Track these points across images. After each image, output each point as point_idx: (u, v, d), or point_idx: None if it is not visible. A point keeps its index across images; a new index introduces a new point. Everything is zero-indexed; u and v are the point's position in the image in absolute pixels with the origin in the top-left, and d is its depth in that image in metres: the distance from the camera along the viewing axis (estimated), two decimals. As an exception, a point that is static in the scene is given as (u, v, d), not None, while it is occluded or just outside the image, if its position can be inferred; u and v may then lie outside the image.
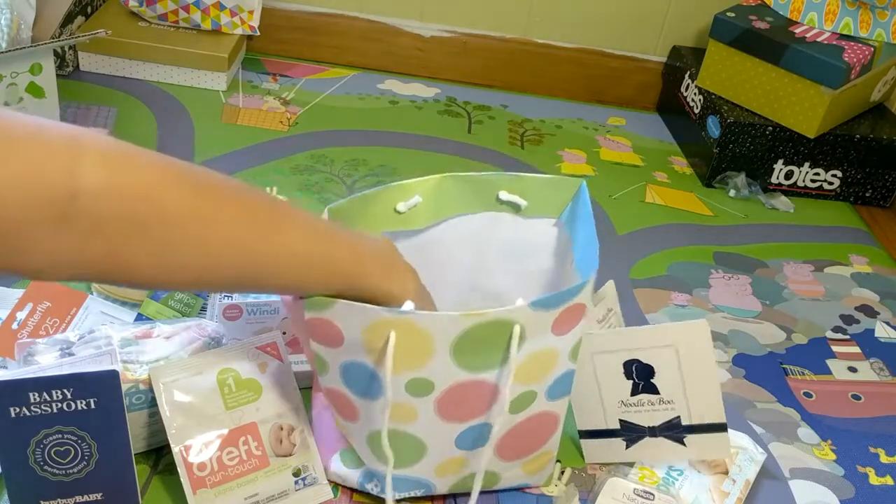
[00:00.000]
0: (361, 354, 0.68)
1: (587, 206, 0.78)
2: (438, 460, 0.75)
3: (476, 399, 0.71)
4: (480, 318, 0.66)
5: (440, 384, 0.69)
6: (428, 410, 0.71)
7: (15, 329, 0.86)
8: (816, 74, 1.36)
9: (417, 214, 0.82)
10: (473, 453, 0.76)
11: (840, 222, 1.44)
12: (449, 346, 0.67)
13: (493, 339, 0.68)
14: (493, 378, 0.70)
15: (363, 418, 0.73)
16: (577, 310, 0.70)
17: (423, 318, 0.65)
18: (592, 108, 1.67)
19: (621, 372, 0.81)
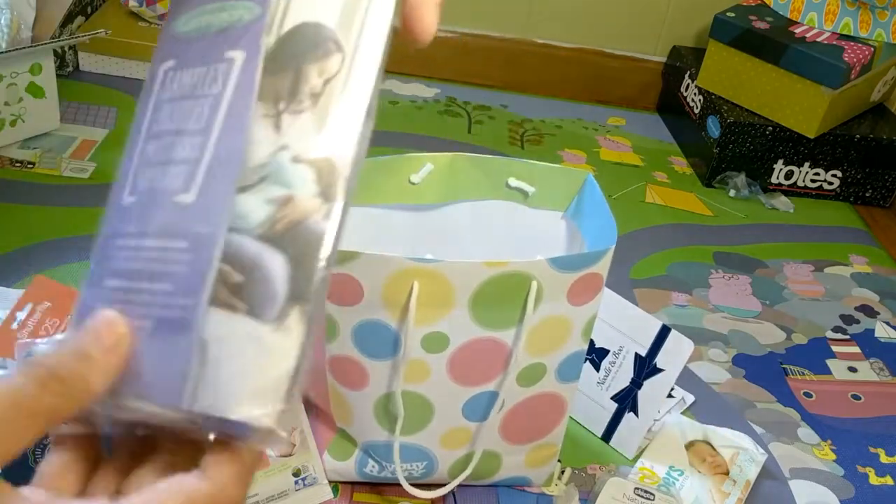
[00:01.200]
0: (379, 311, 0.69)
1: (596, 195, 0.78)
2: (444, 428, 0.76)
3: (488, 361, 0.73)
4: (502, 269, 0.68)
5: (455, 340, 0.71)
6: (440, 369, 0.73)
7: (15, 329, 0.86)
8: (816, 74, 1.36)
9: (430, 188, 0.83)
10: (479, 427, 0.76)
11: (840, 222, 1.44)
12: (468, 299, 0.69)
13: (510, 294, 0.70)
14: (506, 338, 0.72)
15: (373, 383, 0.73)
16: (593, 280, 0.71)
17: (446, 267, 0.67)
18: (592, 108, 1.67)
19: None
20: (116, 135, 1.31)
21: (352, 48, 0.37)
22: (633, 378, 0.87)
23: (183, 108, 0.37)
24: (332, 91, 0.36)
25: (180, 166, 0.36)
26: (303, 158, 0.35)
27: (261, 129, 0.35)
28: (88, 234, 1.09)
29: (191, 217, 0.35)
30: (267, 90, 0.36)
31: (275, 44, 0.37)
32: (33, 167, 1.21)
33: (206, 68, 0.37)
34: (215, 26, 0.38)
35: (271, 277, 0.34)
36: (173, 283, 0.34)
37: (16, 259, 1.04)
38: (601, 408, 0.90)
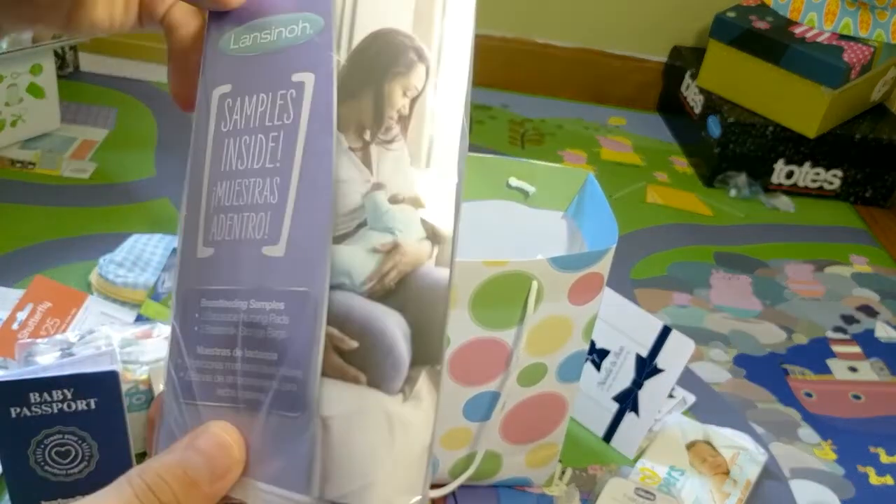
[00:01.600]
0: None
1: (596, 195, 0.78)
2: (445, 429, 0.76)
3: (488, 361, 0.73)
4: (502, 268, 0.68)
5: (455, 340, 0.71)
6: None
7: (15, 329, 0.86)
8: (816, 74, 1.36)
9: None
10: (480, 427, 0.76)
11: (840, 222, 1.44)
12: (468, 299, 0.69)
13: (511, 294, 0.69)
14: (507, 338, 0.72)
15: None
16: (594, 280, 0.71)
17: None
18: (593, 108, 1.67)
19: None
20: (116, 135, 1.31)
21: (435, 54, 0.31)
22: (633, 378, 0.87)
23: (251, 143, 0.32)
24: (421, 111, 0.31)
25: (260, 213, 0.31)
26: (402, 197, 0.30)
27: (348, 165, 0.30)
28: (88, 234, 1.09)
29: (283, 274, 0.30)
30: (347, 118, 0.31)
31: (347, 61, 0.31)
32: (33, 167, 1.21)
33: (271, 95, 0.32)
34: (274, 44, 0.33)
35: (390, 341, 0.29)
36: (277, 351, 0.30)
37: (16, 259, 1.03)
38: (602, 408, 0.90)
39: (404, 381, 0.29)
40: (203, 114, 0.34)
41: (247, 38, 0.34)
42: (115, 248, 1.00)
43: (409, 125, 0.31)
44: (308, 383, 0.29)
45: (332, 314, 0.29)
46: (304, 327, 0.30)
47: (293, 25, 0.32)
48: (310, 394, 0.29)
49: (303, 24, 0.32)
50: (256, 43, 0.33)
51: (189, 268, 0.33)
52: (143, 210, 1.16)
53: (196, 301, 0.33)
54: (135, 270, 0.96)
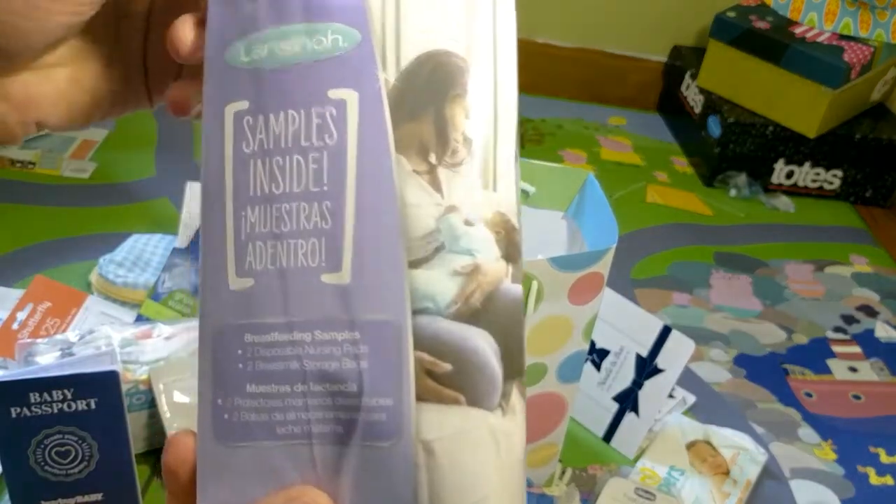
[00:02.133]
0: None
1: (596, 195, 0.78)
2: None
3: None
4: None
5: None
6: None
7: (15, 329, 0.86)
8: (817, 74, 1.36)
9: None
10: None
11: (840, 222, 1.44)
12: None
13: None
14: None
15: None
16: (594, 280, 0.71)
17: None
18: (593, 108, 1.67)
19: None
20: (116, 135, 1.31)
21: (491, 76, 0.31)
22: (633, 378, 0.87)
23: (286, 165, 0.30)
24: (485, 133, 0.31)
25: (311, 239, 0.30)
26: (476, 219, 0.30)
27: (414, 188, 0.30)
28: (88, 234, 1.09)
29: (355, 302, 0.29)
30: (407, 140, 0.30)
31: (397, 80, 0.30)
32: (33, 167, 1.21)
33: (303, 112, 0.30)
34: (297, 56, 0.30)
35: (486, 359, 0.30)
36: (357, 381, 0.29)
37: (16, 259, 1.03)
38: (602, 408, 0.90)
39: (500, 396, 0.30)
40: (214, 133, 0.32)
41: (261, 50, 0.31)
42: (115, 248, 1.00)
43: (473, 148, 0.30)
44: (401, 410, 0.29)
45: (419, 339, 0.29)
46: (388, 355, 0.29)
47: (320, 37, 0.30)
48: (404, 420, 0.29)
49: (333, 35, 0.30)
50: (274, 55, 0.31)
51: (220, 301, 0.31)
52: (143, 210, 1.16)
53: (237, 337, 0.31)
54: (135, 270, 0.96)
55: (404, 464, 0.29)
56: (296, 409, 0.30)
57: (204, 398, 0.31)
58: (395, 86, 0.30)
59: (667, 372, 0.85)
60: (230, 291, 0.31)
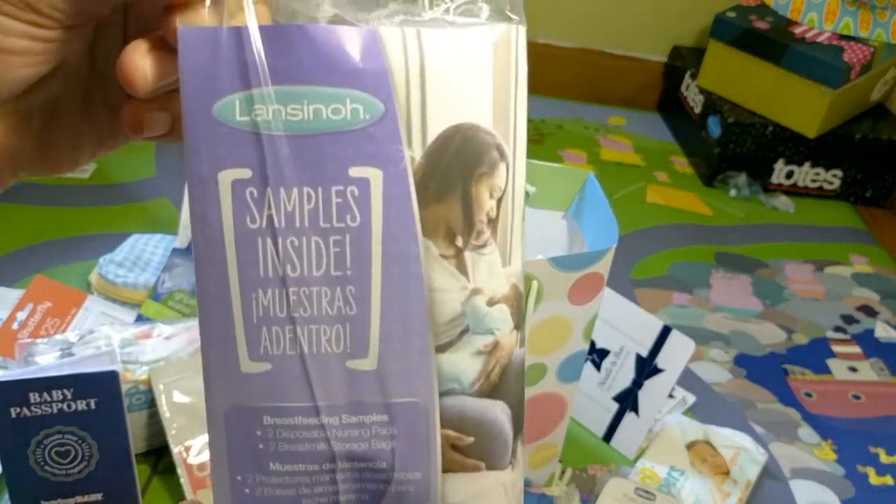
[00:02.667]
0: None
1: (596, 195, 0.78)
2: None
3: None
4: None
5: None
6: None
7: (15, 329, 0.86)
8: (816, 74, 1.36)
9: None
10: None
11: (840, 222, 1.44)
12: None
13: None
14: None
15: None
16: (594, 280, 0.71)
17: None
18: (593, 108, 1.67)
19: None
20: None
21: (511, 149, 0.29)
22: (633, 378, 0.87)
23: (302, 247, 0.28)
24: (506, 212, 0.30)
25: (335, 325, 0.29)
26: (498, 298, 0.30)
27: (442, 273, 0.29)
28: (88, 234, 1.09)
29: (380, 387, 0.29)
30: (433, 223, 0.29)
31: (423, 158, 0.28)
32: (33, 167, 1.21)
33: (322, 191, 0.27)
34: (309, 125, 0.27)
35: (501, 428, 0.31)
36: (386, 460, 0.30)
37: (16, 259, 1.03)
38: (602, 408, 0.90)
39: (511, 454, 0.32)
40: (206, 201, 0.28)
41: (262, 111, 0.27)
42: (115, 249, 1.00)
43: (498, 227, 0.30)
44: (430, 482, 0.30)
45: (445, 418, 0.30)
46: (417, 435, 0.30)
47: (338, 105, 0.27)
48: (432, 490, 0.31)
49: (353, 105, 0.27)
50: (279, 119, 0.27)
51: (230, 383, 0.30)
52: (143, 210, 1.16)
53: (254, 419, 0.30)
54: (135, 270, 0.96)
55: None
56: (323, 484, 0.31)
57: (219, 473, 0.31)
58: (420, 164, 0.28)
59: (667, 372, 0.85)
60: (241, 374, 0.30)
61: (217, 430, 0.30)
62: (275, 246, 0.28)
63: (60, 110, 0.32)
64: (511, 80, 0.31)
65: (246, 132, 0.27)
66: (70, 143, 0.33)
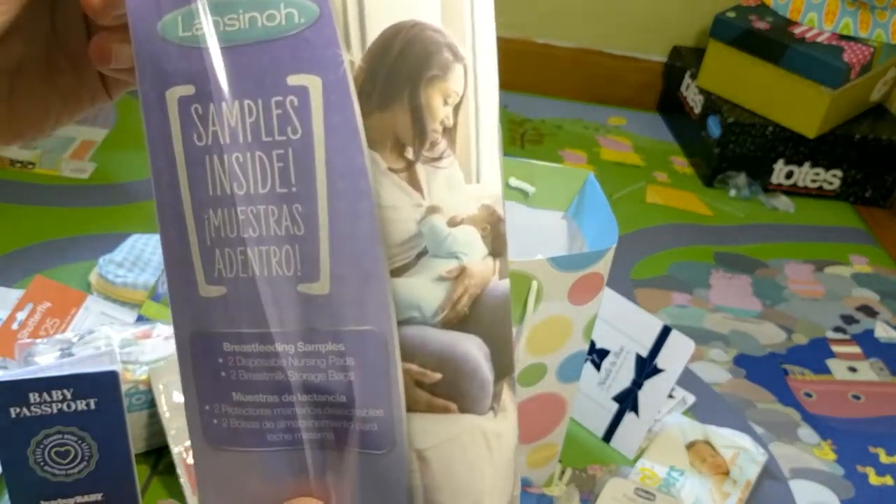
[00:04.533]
0: None
1: (597, 195, 0.78)
2: None
3: None
4: None
5: None
6: None
7: (15, 329, 0.86)
8: (816, 74, 1.36)
9: None
10: None
11: (840, 222, 1.44)
12: None
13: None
14: None
15: None
16: (594, 279, 0.71)
17: None
18: (593, 108, 1.67)
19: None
20: (116, 135, 1.31)
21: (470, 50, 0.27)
22: (633, 378, 0.87)
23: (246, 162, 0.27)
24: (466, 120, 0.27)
25: (284, 246, 0.27)
26: (461, 218, 0.28)
27: (391, 189, 0.27)
28: (88, 234, 1.09)
29: (335, 313, 0.28)
30: (379, 133, 0.27)
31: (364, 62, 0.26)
32: (33, 167, 1.21)
33: (261, 102, 0.26)
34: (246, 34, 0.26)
35: (475, 366, 0.28)
36: (345, 393, 0.28)
37: (16, 259, 1.03)
38: (602, 408, 0.90)
39: (492, 398, 0.29)
40: (157, 118, 0.28)
41: (199, 25, 0.26)
42: (115, 248, 1.00)
43: (456, 137, 0.27)
44: (392, 421, 0.28)
45: (406, 350, 0.28)
46: (375, 367, 0.28)
47: (272, 11, 0.26)
48: (396, 430, 0.28)
49: (287, 9, 0.26)
50: (217, 31, 0.26)
51: (191, 308, 0.29)
52: (143, 210, 1.16)
53: (213, 346, 0.29)
54: (134, 270, 0.96)
55: (398, 472, 0.28)
56: (285, 418, 0.29)
57: (190, 403, 0.30)
58: (361, 68, 0.26)
59: (666, 372, 0.85)
60: (200, 298, 0.29)
61: (184, 357, 0.30)
62: (221, 163, 0.27)
63: (24, 74, 0.32)
64: None
65: (188, 47, 0.26)
66: (35, 107, 0.33)
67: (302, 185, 0.27)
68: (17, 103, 0.32)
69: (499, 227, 0.28)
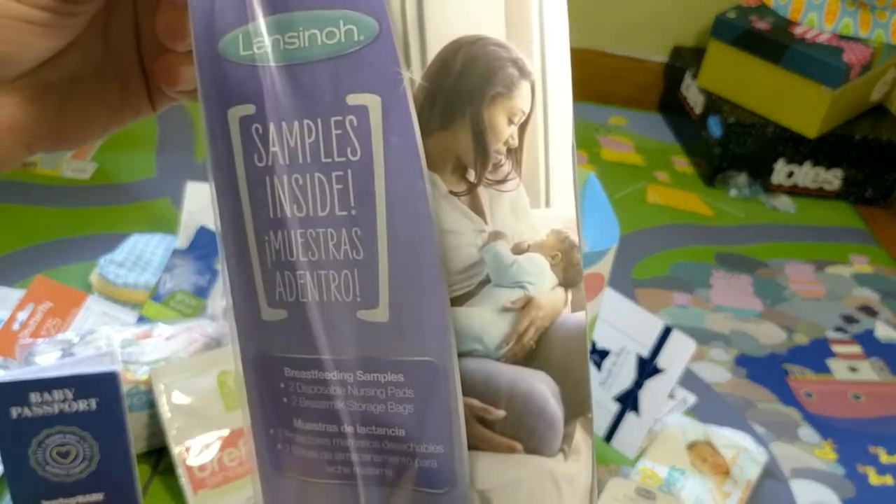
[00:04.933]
0: None
1: (597, 195, 0.78)
2: None
3: None
4: None
5: None
6: None
7: (16, 329, 0.86)
8: (817, 74, 1.36)
9: None
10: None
11: (841, 222, 1.44)
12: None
13: None
14: None
15: None
16: (595, 279, 0.70)
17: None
18: (593, 108, 1.67)
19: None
20: (116, 135, 1.31)
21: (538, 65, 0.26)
22: (634, 378, 0.87)
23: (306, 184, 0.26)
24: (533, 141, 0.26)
25: (343, 271, 0.26)
26: (527, 244, 0.26)
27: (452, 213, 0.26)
28: (88, 234, 1.09)
29: (394, 342, 0.26)
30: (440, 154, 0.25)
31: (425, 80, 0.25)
32: (34, 167, 1.21)
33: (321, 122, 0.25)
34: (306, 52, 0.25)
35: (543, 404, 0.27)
36: (404, 426, 0.27)
37: (16, 259, 1.04)
38: (603, 408, 0.90)
39: (563, 439, 0.27)
40: (221, 141, 0.27)
41: (262, 42, 0.26)
42: (116, 249, 1.00)
43: (522, 159, 0.26)
44: (453, 458, 0.27)
45: (468, 384, 0.26)
46: (435, 400, 0.26)
47: (331, 28, 0.25)
48: (457, 469, 0.27)
49: (346, 26, 0.25)
50: (278, 50, 0.26)
51: (254, 330, 0.29)
52: (143, 210, 1.16)
53: (277, 369, 0.28)
54: (135, 270, 0.96)
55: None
56: (343, 450, 0.28)
57: (256, 425, 0.29)
58: (421, 86, 0.25)
59: (667, 372, 0.85)
60: (262, 321, 0.28)
61: (249, 380, 0.29)
62: (281, 185, 0.26)
63: (76, 89, 0.33)
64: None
65: (248, 66, 0.26)
66: (84, 119, 0.33)
67: (361, 208, 0.26)
68: (67, 115, 0.33)
69: (572, 255, 0.27)
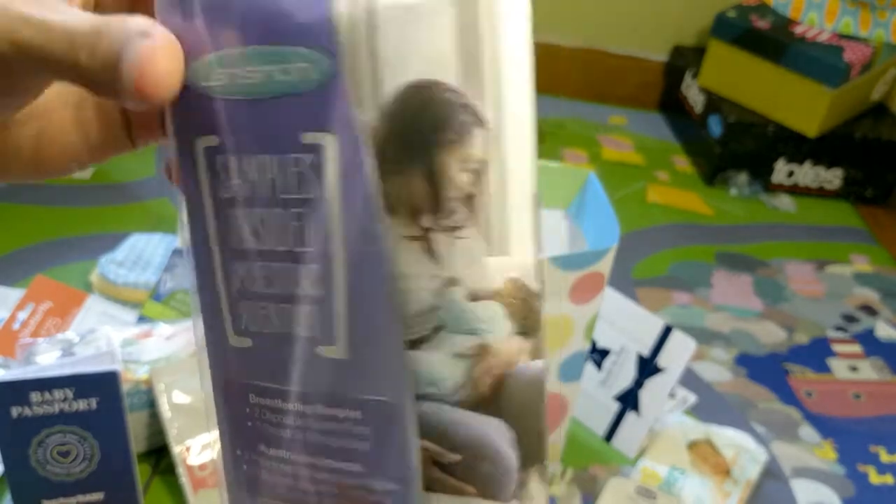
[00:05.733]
0: None
1: (597, 194, 0.78)
2: None
3: None
4: None
5: None
6: None
7: (16, 329, 0.86)
8: (817, 74, 1.36)
9: None
10: None
11: (841, 222, 1.44)
12: None
13: None
14: None
15: None
16: (595, 279, 0.71)
17: None
18: (594, 107, 1.67)
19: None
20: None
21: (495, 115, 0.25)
22: (634, 378, 0.87)
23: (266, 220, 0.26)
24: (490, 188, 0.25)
25: (303, 306, 0.27)
26: (483, 292, 0.26)
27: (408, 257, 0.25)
28: (88, 234, 1.10)
29: (352, 380, 0.27)
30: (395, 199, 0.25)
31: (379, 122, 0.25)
32: (34, 167, 1.21)
33: (278, 160, 0.26)
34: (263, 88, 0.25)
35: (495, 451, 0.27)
36: (361, 462, 0.27)
37: (16, 259, 1.04)
38: (603, 408, 0.90)
39: (517, 486, 0.27)
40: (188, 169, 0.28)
41: (221, 75, 0.25)
42: (116, 248, 1.00)
43: (476, 206, 0.25)
44: (408, 497, 0.27)
45: (424, 427, 0.27)
46: (391, 440, 0.27)
47: (285, 65, 0.25)
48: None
49: (300, 63, 0.24)
50: (235, 83, 0.25)
51: (223, 355, 0.29)
52: (143, 210, 1.16)
53: (242, 395, 0.29)
54: (135, 270, 0.96)
55: None
56: (304, 479, 0.29)
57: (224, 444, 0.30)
58: (376, 129, 0.25)
59: (668, 371, 0.85)
60: (230, 347, 0.29)
61: (218, 400, 0.30)
62: (244, 217, 0.27)
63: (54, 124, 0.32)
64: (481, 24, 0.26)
65: (212, 98, 0.26)
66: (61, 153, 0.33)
67: (318, 246, 0.26)
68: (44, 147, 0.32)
69: (531, 303, 0.26)
